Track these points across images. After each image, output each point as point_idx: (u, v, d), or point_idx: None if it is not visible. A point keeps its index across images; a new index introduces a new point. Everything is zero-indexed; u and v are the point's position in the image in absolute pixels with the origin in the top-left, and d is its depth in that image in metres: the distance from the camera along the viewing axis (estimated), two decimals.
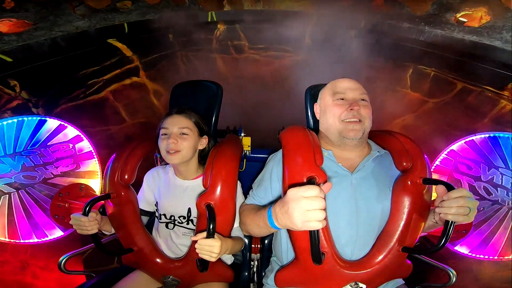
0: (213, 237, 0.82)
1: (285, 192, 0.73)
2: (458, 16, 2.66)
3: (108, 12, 3.07)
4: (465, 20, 2.67)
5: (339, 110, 0.94)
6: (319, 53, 3.09)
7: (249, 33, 3.34)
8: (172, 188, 1.06)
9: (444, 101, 2.70)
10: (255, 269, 1.21)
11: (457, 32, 2.71)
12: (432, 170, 1.65)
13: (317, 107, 1.06)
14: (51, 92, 2.47)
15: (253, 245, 1.20)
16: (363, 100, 0.96)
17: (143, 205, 1.10)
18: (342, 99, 0.95)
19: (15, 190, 1.60)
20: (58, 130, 1.68)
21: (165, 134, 1.00)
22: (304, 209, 0.62)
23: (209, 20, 3.41)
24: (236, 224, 1.00)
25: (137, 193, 1.09)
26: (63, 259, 1.00)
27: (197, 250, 0.83)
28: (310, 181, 0.73)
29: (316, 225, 0.62)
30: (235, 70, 3.15)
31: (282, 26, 3.23)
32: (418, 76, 2.91)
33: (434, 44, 2.90)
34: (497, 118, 2.43)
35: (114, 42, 3.00)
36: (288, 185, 0.79)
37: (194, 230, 1.02)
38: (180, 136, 0.99)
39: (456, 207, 0.72)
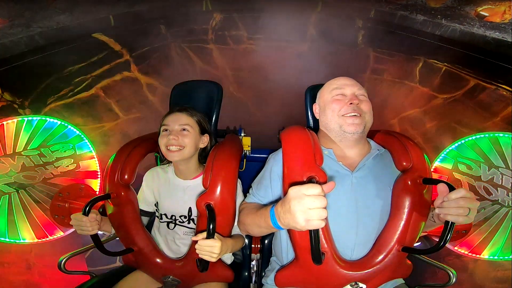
0: (213, 238, 0.82)
1: (285, 192, 0.73)
2: (478, 10, 2.51)
3: (91, 5, 2.83)
4: (486, 14, 2.52)
5: (338, 106, 0.94)
6: (323, 44, 2.97)
7: (248, 22, 3.17)
8: (172, 188, 1.06)
9: (454, 97, 2.61)
10: (255, 269, 1.21)
11: (478, 27, 2.53)
12: (432, 170, 1.65)
13: (316, 107, 1.07)
14: (37, 92, 2.38)
15: (253, 245, 1.20)
16: (361, 95, 0.96)
17: (142, 206, 1.10)
18: (341, 94, 0.96)
19: (15, 190, 1.60)
20: (58, 130, 1.68)
21: (166, 131, 1.00)
22: (306, 207, 0.62)
23: (204, 8, 3.23)
24: (236, 222, 1.00)
25: (137, 193, 1.09)
26: (62, 259, 1.00)
27: (197, 251, 0.83)
28: (311, 181, 0.73)
29: (318, 224, 0.62)
30: (233, 62, 3.05)
31: (284, 14, 3.06)
32: (428, 70, 2.79)
33: (451, 39, 2.73)
34: (509, 117, 2.34)
35: (99, 37, 2.83)
36: (288, 184, 0.80)
37: (195, 229, 1.03)
38: (180, 133, 0.99)
39: (456, 207, 0.72)
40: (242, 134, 1.47)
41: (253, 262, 1.21)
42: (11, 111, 2.22)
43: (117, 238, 1.07)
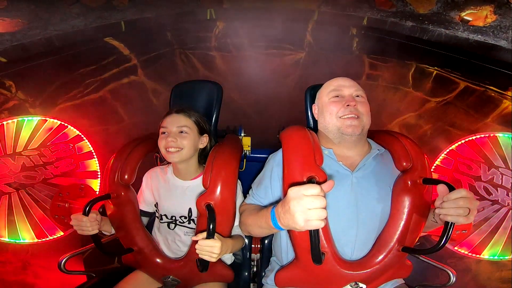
0: (213, 238, 0.82)
1: (285, 192, 0.73)
2: (462, 14, 2.59)
3: (104, 10, 2.98)
4: (470, 19, 2.61)
5: (335, 107, 0.94)
6: (320, 51, 3.06)
7: (249, 30, 3.27)
8: (171, 189, 1.06)
9: (446, 100, 2.68)
10: (255, 269, 1.21)
11: (462, 31, 2.65)
12: (432, 170, 1.65)
13: (315, 108, 1.07)
14: (48, 92, 2.44)
15: (253, 245, 1.20)
16: (358, 96, 0.96)
17: (142, 206, 1.10)
18: (338, 96, 0.96)
19: (15, 190, 1.60)
20: (58, 130, 1.68)
21: (164, 133, 1.00)
22: (306, 208, 0.62)
23: (208, 17, 3.36)
24: (236, 223, 1.00)
25: (137, 193, 1.09)
26: (63, 260, 1.00)
27: (197, 251, 0.83)
28: (310, 181, 0.73)
29: (318, 224, 0.62)
30: (235, 68, 3.12)
31: (283, 23, 3.17)
32: (420, 75, 2.88)
33: (437, 43, 2.84)
34: (499, 118, 2.40)
35: (110, 41, 2.94)
36: (288, 184, 0.80)
37: (195, 229, 1.03)
38: (179, 135, 0.99)
39: (455, 208, 0.72)
40: (242, 134, 1.47)
41: (253, 262, 1.21)
42: (22, 110, 2.27)
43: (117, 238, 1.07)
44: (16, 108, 2.25)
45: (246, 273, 1.17)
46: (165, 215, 1.06)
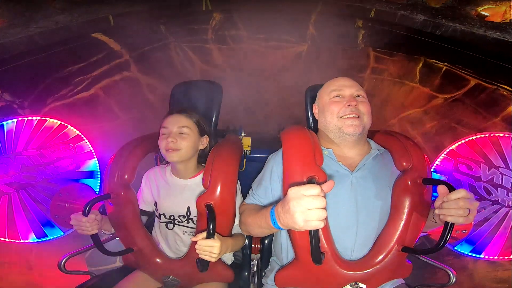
0: (213, 238, 0.82)
1: (285, 192, 0.73)
2: (479, 9, 2.48)
3: (90, 4, 2.79)
4: (487, 14, 2.49)
5: (336, 107, 0.94)
6: (323, 44, 2.97)
7: (248, 22, 3.15)
8: (170, 188, 1.06)
9: (455, 97, 2.59)
10: (255, 269, 1.21)
11: (478, 27, 2.51)
12: (432, 170, 1.65)
13: (315, 108, 1.07)
14: (36, 92, 2.36)
15: (253, 245, 1.20)
16: (359, 96, 0.96)
17: (141, 205, 1.10)
18: (339, 96, 0.96)
19: (15, 190, 1.60)
20: (58, 130, 1.68)
21: (165, 134, 1.00)
22: (305, 208, 0.62)
23: (204, 8, 3.19)
24: (237, 222, 1.00)
25: (137, 193, 1.09)
26: (63, 260, 1.00)
27: (197, 251, 0.83)
28: (310, 181, 0.73)
29: (317, 224, 0.62)
30: (233, 62, 3.05)
31: (285, 14, 3.06)
32: (428, 70, 2.78)
33: (452, 39, 2.70)
34: (510, 117, 2.32)
35: (99, 36, 2.79)
36: (288, 184, 0.80)
37: (195, 228, 1.03)
38: (179, 136, 0.99)
39: (455, 208, 0.72)
40: (242, 134, 1.47)
41: (253, 262, 1.21)
42: (11, 111, 2.19)
43: (117, 238, 1.07)
44: (4, 109, 2.16)
45: (246, 273, 1.16)
46: (163, 214, 1.06)
